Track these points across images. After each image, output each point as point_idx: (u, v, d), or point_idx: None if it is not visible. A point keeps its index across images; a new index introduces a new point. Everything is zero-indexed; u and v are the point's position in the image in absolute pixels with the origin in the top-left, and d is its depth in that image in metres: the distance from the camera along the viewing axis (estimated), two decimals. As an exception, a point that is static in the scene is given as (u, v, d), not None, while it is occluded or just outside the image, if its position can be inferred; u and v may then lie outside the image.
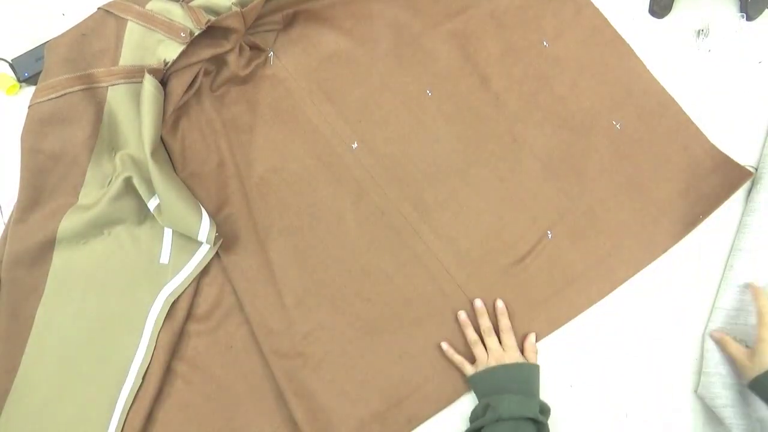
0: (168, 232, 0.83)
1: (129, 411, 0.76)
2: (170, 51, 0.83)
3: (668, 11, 0.91)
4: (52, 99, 0.83)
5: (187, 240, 0.82)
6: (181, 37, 0.83)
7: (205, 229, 0.77)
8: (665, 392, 0.78)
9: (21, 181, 0.83)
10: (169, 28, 0.84)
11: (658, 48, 0.90)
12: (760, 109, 0.87)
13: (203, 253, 0.81)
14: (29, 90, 0.93)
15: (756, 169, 0.83)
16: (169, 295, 0.80)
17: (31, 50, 0.91)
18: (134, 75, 0.85)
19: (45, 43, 0.90)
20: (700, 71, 0.89)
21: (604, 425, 0.78)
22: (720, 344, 0.77)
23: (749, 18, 0.90)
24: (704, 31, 0.90)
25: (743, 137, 0.86)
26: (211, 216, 0.80)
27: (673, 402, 0.78)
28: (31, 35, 0.92)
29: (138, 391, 0.77)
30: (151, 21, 0.86)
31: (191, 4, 0.87)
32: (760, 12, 0.90)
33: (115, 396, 0.77)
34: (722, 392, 0.75)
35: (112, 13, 0.88)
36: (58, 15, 0.95)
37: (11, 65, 0.92)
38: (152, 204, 0.81)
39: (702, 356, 0.78)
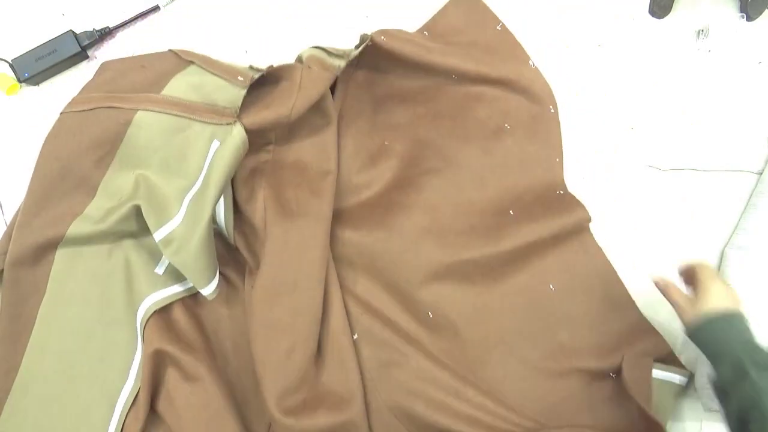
0: None
1: (129, 411, 0.76)
2: (227, 95, 0.79)
3: (668, 11, 0.91)
4: (83, 111, 0.82)
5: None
6: (239, 81, 0.79)
7: (211, 288, 0.78)
8: (665, 392, 0.78)
9: (31, 183, 0.82)
10: (228, 71, 0.82)
11: (658, 48, 0.90)
12: (760, 109, 0.87)
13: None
14: (29, 90, 0.93)
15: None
16: (161, 300, 0.79)
17: (31, 50, 0.91)
18: (172, 107, 0.81)
19: (45, 43, 0.90)
20: (700, 71, 0.89)
21: (604, 425, 0.78)
22: (662, 290, 0.70)
23: (749, 18, 0.90)
24: (704, 31, 0.90)
25: (743, 137, 0.86)
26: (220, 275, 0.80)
27: (672, 402, 0.78)
28: (31, 35, 0.92)
29: (138, 391, 0.77)
30: (212, 65, 0.84)
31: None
32: (760, 12, 0.90)
33: (115, 396, 0.77)
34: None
35: (178, 55, 0.87)
36: (58, 15, 0.95)
37: (11, 65, 0.92)
38: (159, 235, 0.77)
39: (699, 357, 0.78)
